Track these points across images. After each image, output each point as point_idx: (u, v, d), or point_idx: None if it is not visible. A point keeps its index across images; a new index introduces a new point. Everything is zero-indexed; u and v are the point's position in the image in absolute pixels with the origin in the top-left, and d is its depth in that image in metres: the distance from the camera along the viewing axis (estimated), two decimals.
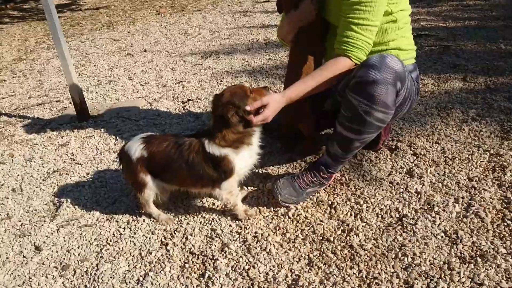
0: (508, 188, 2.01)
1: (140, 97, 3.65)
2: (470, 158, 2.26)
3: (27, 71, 4.81)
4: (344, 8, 1.83)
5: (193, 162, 1.84)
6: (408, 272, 1.62)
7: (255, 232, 1.92)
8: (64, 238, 2.02)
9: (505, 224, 1.80)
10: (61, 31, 2.91)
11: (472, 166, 2.20)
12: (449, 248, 1.71)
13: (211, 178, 1.87)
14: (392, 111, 1.80)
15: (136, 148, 1.90)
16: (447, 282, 1.56)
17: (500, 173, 2.12)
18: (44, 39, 6.31)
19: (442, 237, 1.77)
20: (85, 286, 1.73)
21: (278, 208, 2.05)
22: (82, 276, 1.78)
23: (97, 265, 1.83)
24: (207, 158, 1.83)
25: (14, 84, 4.39)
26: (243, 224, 1.98)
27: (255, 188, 2.23)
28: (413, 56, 2.12)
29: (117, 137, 2.92)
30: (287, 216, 2.00)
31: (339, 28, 1.87)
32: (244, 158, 1.88)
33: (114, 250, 1.91)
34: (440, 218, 1.87)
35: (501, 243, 1.70)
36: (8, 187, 2.49)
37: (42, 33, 6.69)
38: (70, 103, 3.65)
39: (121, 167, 2.05)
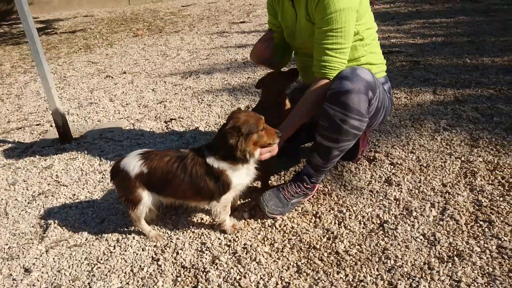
0: (479, 192, 2.14)
1: (122, 118, 3.68)
2: (443, 166, 2.39)
3: (4, 95, 4.78)
4: (318, 35, 1.98)
5: (196, 175, 1.90)
6: (392, 274, 1.71)
7: (244, 244, 1.98)
8: (53, 259, 2.03)
9: (478, 225, 1.92)
10: (43, 54, 2.95)
11: (445, 173, 2.33)
12: (428, 250, 1.81)
13: (211, 192, 1.92)
14: (366, 118, 1.93)
15: (135, 165, 1.93)
16: (428, 281, 1.65)
17: (471, 178, 2.26)
18: (20, 63, 6.28)
19: (421, 239, 1.88)
20: None
21: (265, 220, 2.12)
22: None
23: (89, 283, 1.85)
24: (209, 170, 1.90)
25: None
26: (232, 237, 2.03)
27: (243, 201, 2.29)
28: (384, 69, 2.27)
29: (102, 158, 2.95)
30: (274, 227, 2.07)
31: (315, 53, 2.01)
32: (241, 175, 1.95)
33: (105, 268, 1.93)
34: (418, 222, 1.98)
35: (475, 242, 1.82)
36: None
37: (17, 57, 6.65)
38: (51, 126, 3.66)
39: (114, 183, 2.06)
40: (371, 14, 2.12)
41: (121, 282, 1.84)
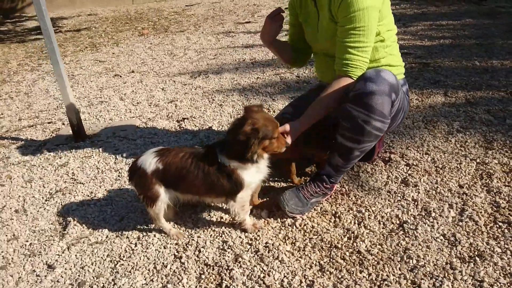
0: (496, 194, 2.17)
1: (134, 117, 3.70)
2: (459, 167, 2.42)
3: (13, 93, 4.78)
4: (341, 34, 2.00)
5: (208, 172, 1.92)
6: (415, 273, 1.73)
7: (266, 243, 2.00)
8: (76, 255, 2.05)
9: (497, 226, 1.95)
10: (59, 53, 2.97)
11: (461, 174, 2.36)
12: (450, 250, 1.84)
13: (225, 189, 1.94)
14: (388, 120, 1.95)
15: (151, 162, 1.96)
16: (451, 281, 1.68)
17: (488, 180, 2.29)
18: (27, 61, 6.28)
19: (441, 240, 1.91)
20: None
21: (285, 219, 2.15)
22: None
23: (113, 280, 1.87)
24: (220, 168, 1.92)
25: (1, 107, 4.35)
26: (253, 235, 2.06)
27: (262, 200, 2.31)
28: (402, 72, 2.30)
29: (117, 156, 2.96)
30: (294, 226, 2.09)
31: (337, 52, 2.03)
32: (251, 173, 1.96)
33: (128, 265, 1.95)
34: (438, 223, 2.01)
35: (495, 243, 1.85)
36: (10, 208, 2.49)
37: (23, 55, 6.65)
38: (63, 124, 3.68)
39: (132, 182, 2.08)
40: (392, 17, 2.14)
41: (145, 279, 1.86)
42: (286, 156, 2.33)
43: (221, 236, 2.08)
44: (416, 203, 2.17)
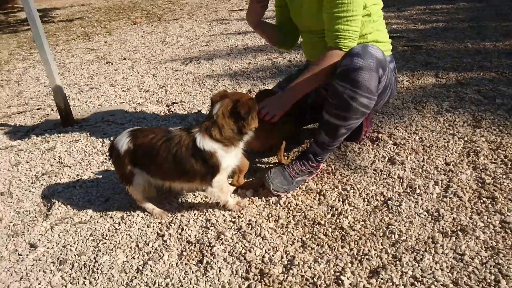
0: (482, 170, 2.15)
1: (123, 102, 3.67)
2: (446, 145, 2.40)
3: (4, 81, 4.76)
4: (327, 5, 1.96)
5: (180, 156, 1.86)
6: (396, 248, 1.72)
7: (249, 220, 1.99)
8: (59, 235, 2.04)
9: (482, 201, 1.94)
10: (44, 36, 2.93)
11: (449, 152, 2.34)
12: (432, 225, 1.83)
13: (199, 173, 1.89)
14: (375, 96, 1.93)
15: (124, 141, 1.95)
16: (432, 254, 1.67)
17: (474, 157, 2.27)
18: (18, 50, 6.24)
19: (425, 215, 1.89)
20: (84, 277, 1.76)
21: (270, 197, 2.13)
22: (81, 268, 1.81)
23: (95, 258, 1.86)
24: (196, 152, 1.86)
25: None
26: (237, 214, 2.04)
27: (248, 180, 2.29)
28: (389, 48, 2.27)
29: (105, 140, 2.95)
30: (278, 204, 2.08)
31: (327, 25, 1.99)
32: (230, 157, 1.92)
33: (111, 243, 1.94)
34: (422, 199, 1.99)
35: (479, 217, 1.83)
36: None
37: (15, 45, 6.61)
38: (52, 110, 3.65)
39: (111, 162, 2.08)
40: None
41: (126, 257, 1.85)
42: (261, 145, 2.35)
43: (205, 215, 2.06)
44: (401, 180, 2.15)
